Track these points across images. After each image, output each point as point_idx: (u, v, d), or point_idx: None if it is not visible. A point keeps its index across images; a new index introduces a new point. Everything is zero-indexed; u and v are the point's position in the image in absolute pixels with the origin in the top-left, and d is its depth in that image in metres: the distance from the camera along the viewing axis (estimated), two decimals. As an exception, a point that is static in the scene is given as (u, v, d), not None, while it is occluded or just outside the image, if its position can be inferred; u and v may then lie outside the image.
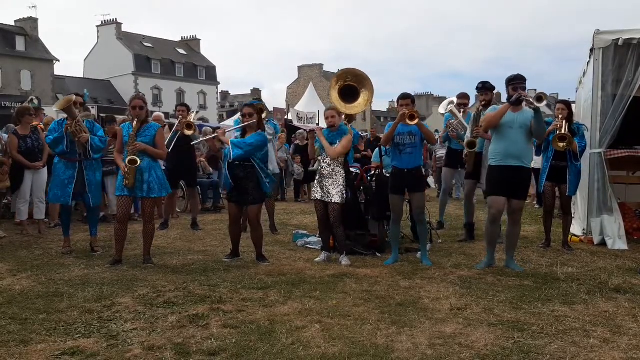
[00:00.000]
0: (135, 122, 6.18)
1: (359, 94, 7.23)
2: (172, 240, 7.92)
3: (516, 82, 6.09)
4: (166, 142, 7.20)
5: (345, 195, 6.50)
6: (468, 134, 7.77)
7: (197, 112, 9.30)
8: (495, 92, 7.85)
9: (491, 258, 6.20)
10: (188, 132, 8.63)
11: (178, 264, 6.29)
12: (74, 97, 7.08)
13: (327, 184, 6.46)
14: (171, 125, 9.20)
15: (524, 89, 6.09)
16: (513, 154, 5.91)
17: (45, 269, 5.96)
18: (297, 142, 15.08)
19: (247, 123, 6.34)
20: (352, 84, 7.17)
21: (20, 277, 5.61)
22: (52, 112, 13.15)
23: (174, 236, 8.28)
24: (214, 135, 6.35)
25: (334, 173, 6.46)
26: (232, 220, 6.50)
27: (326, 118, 6.54)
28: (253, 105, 6.61)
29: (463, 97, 8.38)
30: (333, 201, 6.41)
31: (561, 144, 6.78)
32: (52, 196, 6.91)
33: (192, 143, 8.40)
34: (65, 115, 6.87)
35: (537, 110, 5.80)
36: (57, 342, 3.82)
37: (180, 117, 8.86)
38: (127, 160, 6.03)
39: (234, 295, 4.96)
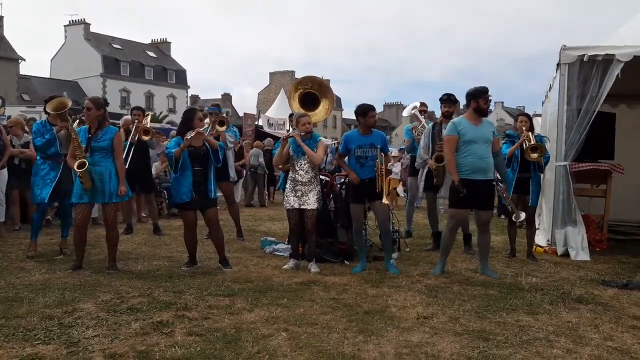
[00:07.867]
0: (76, 123, 6.19)
1: (319, 102, 7.23)
2: (137, 245, 7.79)
3: (485, 95, 6.18)
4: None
5: (321, 201, 6.52)
6: (422, 144, 7.82)
7: (149, 115, 8.94)
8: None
9: (443, 265, 6.40)
10: (146, 138, 8.52)
11: (143, 270, 6.17)
12: (69, 100, 6.88)
13: (305, 190, 6.43)
14: (128, 130, 8.64)
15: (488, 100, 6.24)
16: (480, 168, 6.10)
17: (5, 273, 5.80)
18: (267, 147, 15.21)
19: (201, 129, 6.25)
20: (313, 92, 7.16)
21: (-23, 281, 5.44)
22: (16, 112, 12.88)
23: (139, 241, 8.14)
24: (192, 134, 6.11)
25: (312, 180, 6.46)
26: (190, 228, 6.33)
27: (302, 124, 6.46)
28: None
29: (422, 105, 8.67)
30: (310, 207, 6.40)
31: (534, 155, 6.94)
32: (34, 196, 6.73)
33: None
34: (45, 117, 6.73)
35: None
36: (15, 349, 3.71)
37: (136, 121, 8.61)
38: (75, 166, 5.87)
39: (200, 302, 4.89)
